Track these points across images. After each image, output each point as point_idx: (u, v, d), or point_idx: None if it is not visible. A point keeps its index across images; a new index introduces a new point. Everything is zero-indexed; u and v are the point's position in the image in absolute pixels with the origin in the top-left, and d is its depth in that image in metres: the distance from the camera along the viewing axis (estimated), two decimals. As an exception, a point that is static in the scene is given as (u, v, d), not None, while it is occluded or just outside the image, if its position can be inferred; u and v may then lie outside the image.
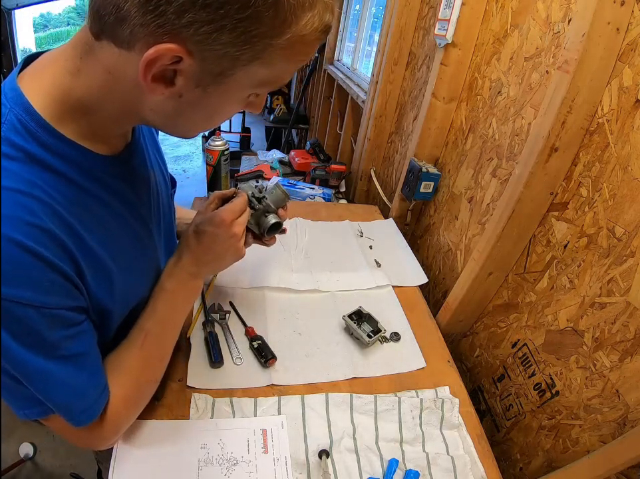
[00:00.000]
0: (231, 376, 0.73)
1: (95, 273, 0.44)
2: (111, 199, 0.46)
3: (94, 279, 0.43)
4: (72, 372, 0.43)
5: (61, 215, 0.39)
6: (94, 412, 0.47)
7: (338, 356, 0.80)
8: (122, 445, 0.59)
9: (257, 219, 0.65)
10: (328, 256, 1.09)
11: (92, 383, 0.46)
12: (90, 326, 0.46)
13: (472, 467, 0.65)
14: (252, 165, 1.99)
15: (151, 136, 0.60)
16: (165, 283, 0.57)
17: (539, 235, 0.78)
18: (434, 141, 1.18)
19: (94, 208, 0.44)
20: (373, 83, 1.63)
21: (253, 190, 0.65)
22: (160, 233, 0.61)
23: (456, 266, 1.07)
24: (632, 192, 0.60)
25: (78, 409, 0.45)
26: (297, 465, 0.62)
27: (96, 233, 0.44)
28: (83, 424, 0.46)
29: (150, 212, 0.56)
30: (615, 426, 0.59)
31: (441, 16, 1.04)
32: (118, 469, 0.57)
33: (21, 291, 0.36)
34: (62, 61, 0.39)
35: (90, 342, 0.46)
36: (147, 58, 0.33)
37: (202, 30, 0.33)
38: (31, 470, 1.49)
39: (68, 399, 0.44)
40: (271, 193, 0.65)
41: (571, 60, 0.64)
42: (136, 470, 0.57)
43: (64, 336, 0.41)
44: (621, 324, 0.59)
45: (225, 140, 1.32)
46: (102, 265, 0.45)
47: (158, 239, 0.59)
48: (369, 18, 2.46)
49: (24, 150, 0.37)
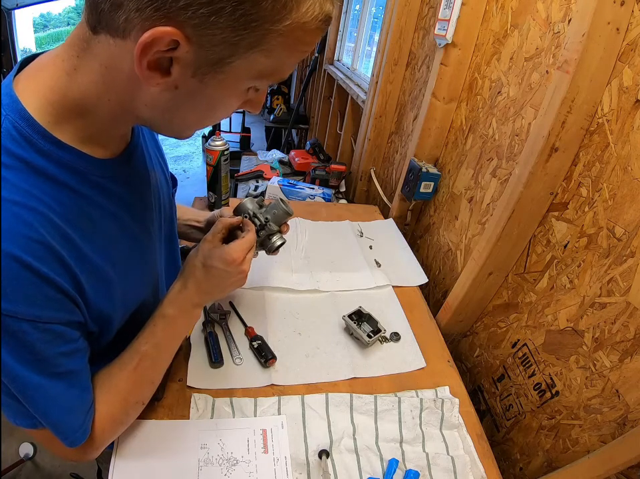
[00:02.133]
0: (231, 376, 0.73)
1: (94, 282, 0.43)
2: (110, 204, 0.46)
3: (93, 289, 0.43)
4: (64, 389, 0.43)
5: (58, 226, 0.38)
6: (86, 431, 0.47)
7: (338, 356, 0.80)
8: (122, 445, 0.59)
9: (262, 242, 0.65)
10: (328, 256, 1.09)
11: (82, 400, 0.46)
12: (84, 344, 0.45)
13: (472, 467, 0.65)
14: (252, 165, 1.99)
15: (151, 136, 0.59)
16: (166, 309, 0.55)
17: (539, 235, 0.78)
18: (434, 141, 1.18)
19: (92, 215, 0.43)
20: (373, 83, 1.63)
21: (255, 209, 0.64)
22: (161, 234, 0.61)
23: (456, 266, 1.07)
24: (632, 192, 0.60)
25: (70, 427, 0.45)
26: (297, 465, 0.62)
27: (95, 240, 0.43)
28: (77, 444, 0.46)
29: (150, 214, 0.55)
30: (615, 426, 0.59)
31: (441, 16, 1.04)
32: (118, 469, 0.57)
33: (16, 305, 0.35)
34: (59, 62, 0.39)
35: (83, 360, 0.46)
36: (142, 42, 0.32)
37: (200, 13, 0.32)
38: (31, 470, 1.49)
39: (59, 416, 0.43)
40: (273, 212, 0.63)
41: (571, 60, 0.64)
42: (136, 470, 0.57)
43: (60, 352, 0.41)
44: (621, 324, 0.59)
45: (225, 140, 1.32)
46: (101, 273, 0.44)
47: (158, 241, 0.59)
48: (369, 18, 2.46)
49: (20, 157, 0.37)
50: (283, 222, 0.65)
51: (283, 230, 0.66)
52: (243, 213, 0.64)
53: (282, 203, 0.63)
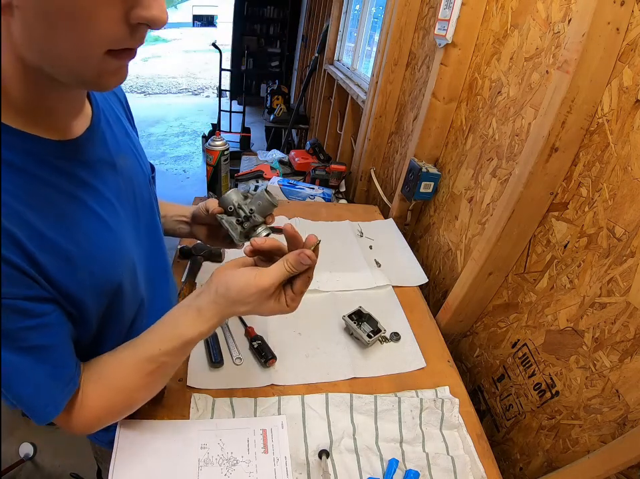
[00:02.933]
0: (231, 376, 0.73)
1: (54, 259, 0.43)
2: (68, 185, 0.45)
3: (54, 266, 0.43)
4: (32, 364, 0.43)
5: (10, 205, 0.38)
6: (58, 407, 0.46)
7: (338, 356, 0.80)
8: (122, 445, 0.59)
9: (247, 233, 0.64)
10: (328, 256, 1.09)
11: (54, 377, 0.46)
12: (59, 319, 0.45)
13: (472, 467, 0.65)
14: (252, 165, 1.99)
15: (119, 123, 0.59)
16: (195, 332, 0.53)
17: (539, 235, 0.79)
18: (434, 141, 1.18)
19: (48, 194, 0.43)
20: (373, 83, 1.63)
21: (240, 200, 0.64)
22: (139, 219, 0.60)
23: (456, 266, 1.07)
24: (632, 192, 0.60)
25: (38, 403, 0.45)
26: (297, 465, 0.62)
27: (50, 219, 0.43)
28: (45, 420, 0.46)
29: (117, 195, 0.54)
30: (615, 426, 0.59)
31: (441, 16, 1.04)
32: (118, 469, 0.57)
33: None
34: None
35: (56, 336, 0.45)
36: None
37: None
38: (31, 470, 1.49)
39: (25, 391, 0.43)
40: (258, 203, 0.63)
41: (571, 60, 0.64)
42: (136, 470, 0.58)
43: (24, 327, 0.41)
44: (621, 324, 0.59)
45: (225, 140, 1.32)
46: (61, 251, 0.44)
47: (134, 227, 0.58)
48: (369, 18, 2.46)
49: None
50: (268, 213, 0.64)
51: (268, 221, 0.66)
52: (228, 204, 0.64)
53: (267, 194, 0.63)
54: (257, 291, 0.49)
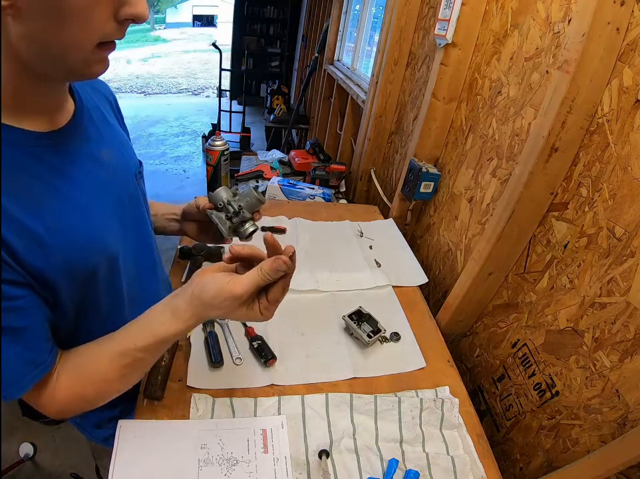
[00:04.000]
0: (231, 376, 0.73)
1: (24, 242, 0.44)
2: (42, 170, 0.47)
3: (25, 249, 0.44)
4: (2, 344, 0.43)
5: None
6: (22, 388, 0.47)
7: (338, 356, 0.80)
8: (122, 445, 0.59)
9: (235, 228, 0.67)
10: (328, 256, 1.09)
11: (23, 359, 0.46)
12: (32, 303, 0.46)
13: (472, 467, 0.65)
14: (252, 165, 1.99)
15: (104, 120, 0.60)
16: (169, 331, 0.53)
17: (539, 235, 0.79)
18: (434, 141, 1.18)
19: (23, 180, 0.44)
20: (373, 83, 1.63)
21: (229, 197, 0.66)
22: (124, 212, 0.60)
23: (456, 266, 1.07)
24: (632, 192, 0.60)
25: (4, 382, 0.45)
26: (297, 465, 0.62)
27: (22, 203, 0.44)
28: (9, 398, 0.46)
29: (98, 186, 0.55)
30: (615, 426, 0.59)
31: (441, 16, 1.04)
32: (118, 469, 0.57)
33: None
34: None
35: (28, 318, 0.46)
36: None
37: None
38: (31, 470, 1.49)
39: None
40: (246, 200, 0.66)
41: (571, 60, 0.64)
42: (136, 470, 0.58)
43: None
44: (621, 324, 0.59)
45: (225, 140, 1.32)
46: (32, 234, 0.45)
47: (117, 219, 0.59)
48: (369, 18, 2.46)
49: None
50: (255, 210, 0.67)
51: (256, 217, 0.68)
52: (218, 201, 0.66)
53: (254, 191, 0.66)
54: (229, 297, 0.49)
